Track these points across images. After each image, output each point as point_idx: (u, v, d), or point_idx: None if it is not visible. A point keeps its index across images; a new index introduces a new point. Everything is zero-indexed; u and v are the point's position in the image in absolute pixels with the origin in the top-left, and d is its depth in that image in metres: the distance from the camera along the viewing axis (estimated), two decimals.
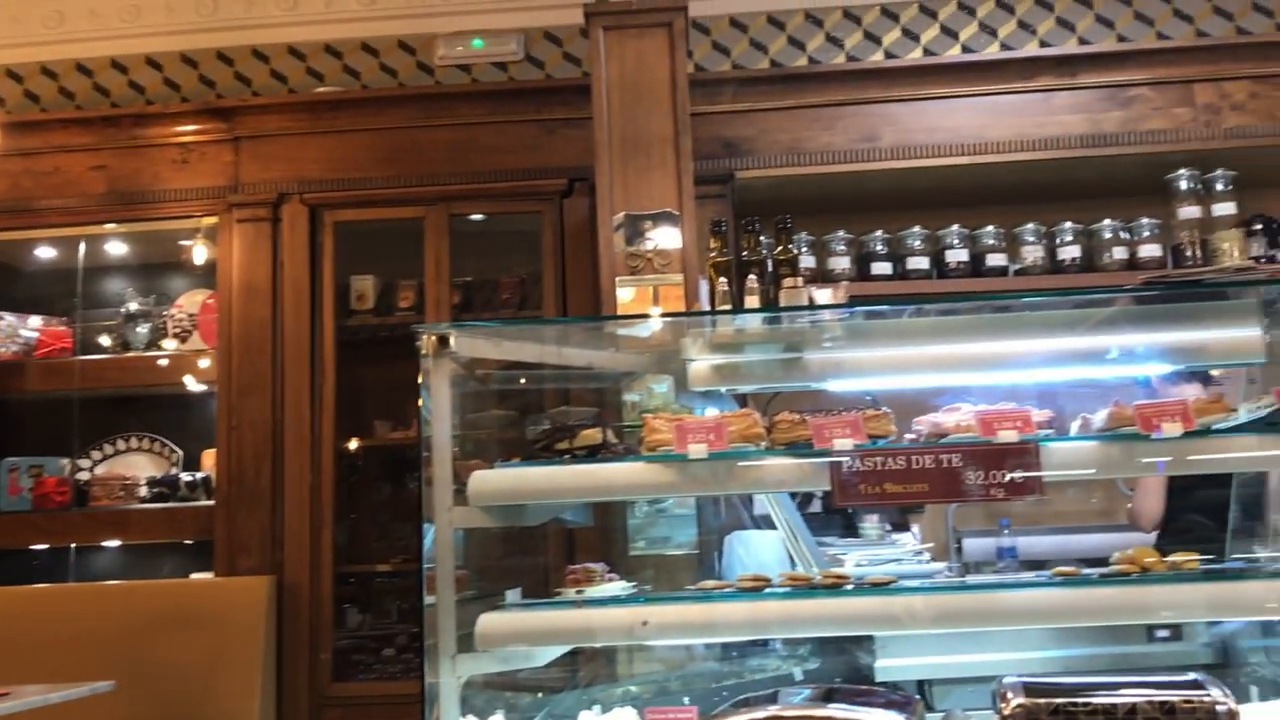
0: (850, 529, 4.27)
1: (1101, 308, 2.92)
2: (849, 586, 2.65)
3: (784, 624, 2.74)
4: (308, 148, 4.72)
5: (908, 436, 2.73)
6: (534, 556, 4.06)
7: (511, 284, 4.83)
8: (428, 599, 2.60)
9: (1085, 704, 1.04)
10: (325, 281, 4.64)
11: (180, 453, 4.97)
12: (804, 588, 2.66)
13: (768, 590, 2.67)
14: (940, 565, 3.58)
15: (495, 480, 2.73)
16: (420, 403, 2.70)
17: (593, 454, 2.81)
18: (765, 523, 3.72)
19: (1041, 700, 1.05)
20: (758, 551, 3.67)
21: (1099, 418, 2.63)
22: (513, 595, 2.85)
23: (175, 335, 4.90)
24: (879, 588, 2.64)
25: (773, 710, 0.94)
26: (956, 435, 2.60)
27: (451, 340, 2.67)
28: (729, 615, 2.67)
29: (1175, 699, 1.02)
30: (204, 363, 4.80)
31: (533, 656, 2.97)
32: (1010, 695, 0.93)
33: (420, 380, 2.70)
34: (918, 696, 2.32)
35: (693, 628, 2.76)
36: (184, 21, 5.27)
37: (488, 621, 2.63)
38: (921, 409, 2.78)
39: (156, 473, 4.87)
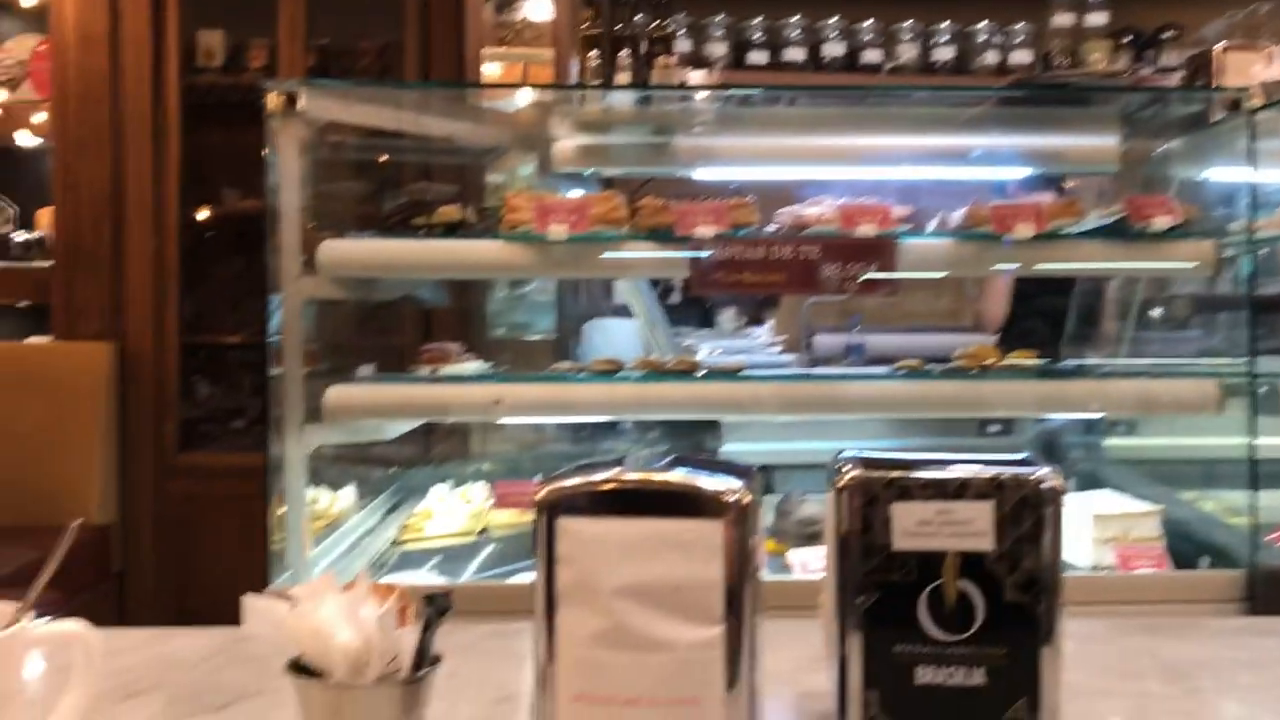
0: (707, 321, 4.32)
1: (969, 107, 2.92)
2: (700, 373, 2.69)
3: (634, 405, 2.77)
4: None
5: (769, 228, 2.73)
6: (390, 336, 4.00)
7: (371, 51, 4.56)
8: (274, 370, 2.53)
9: (918, 478, 1.05)
10: (169, 34, 4.31)
11: (15, 209, 4.68)
12: (655, 371, 2.69)
13: (620, 373, 2.69)
14: (789, 358, 3.66)
15: (346, 250, 2.63)
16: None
17: (450, 231, 2.73)
18: (625, 313, 3.73)
19: (877, 473, 1.07)
20: (615, 339, 3.69)
21: (956, 216, 2.66)
22: (365, 371, 2.81)
23: (3, 83, 4.53)
24: (727, 374, 2.68)
25: (614, 472, 0.94)
26: (817, 228, 2.60)
27: (301, 100, 2.50)
28: (581, 395, 2.68)
29: (1005, 474, 1.05)
30: (38, 117, 4.47)
31: (383, 431, 2.95)
32: (847, 468, 0.95)
33: (267, 144, 2.55)
34: (758, 469, 2.38)
35: (546, 406, 2.77)
36: None
37: (337, 393, 2.59)
38: (786, 201, 2.76)
39: None
